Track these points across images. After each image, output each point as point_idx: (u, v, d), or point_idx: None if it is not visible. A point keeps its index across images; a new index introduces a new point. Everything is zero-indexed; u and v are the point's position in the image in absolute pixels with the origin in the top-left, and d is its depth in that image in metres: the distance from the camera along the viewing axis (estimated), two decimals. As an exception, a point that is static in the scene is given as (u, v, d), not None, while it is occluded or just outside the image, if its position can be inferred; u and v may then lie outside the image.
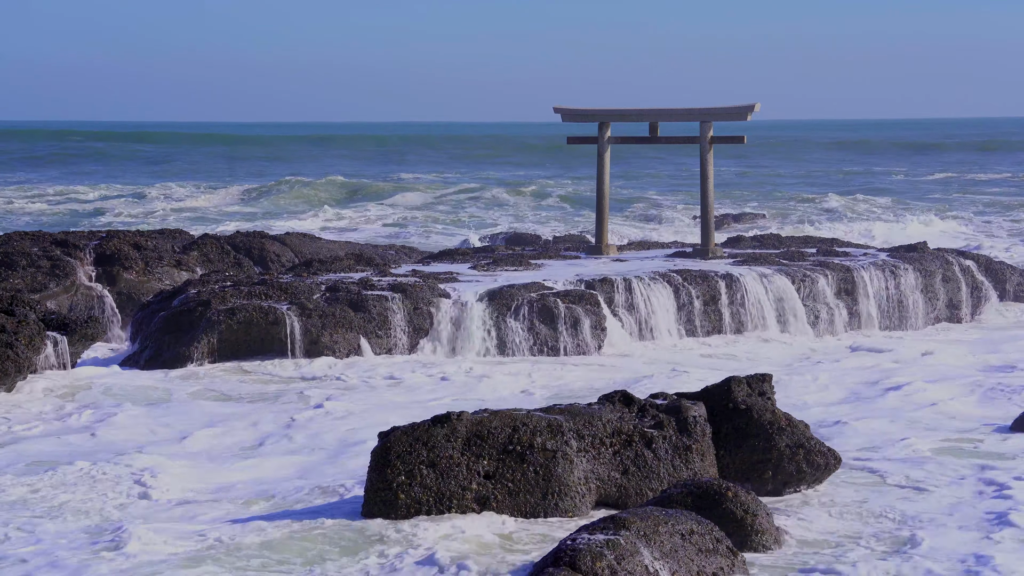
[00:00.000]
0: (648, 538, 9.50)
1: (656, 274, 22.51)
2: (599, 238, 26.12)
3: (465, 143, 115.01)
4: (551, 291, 21.28)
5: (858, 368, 19.93)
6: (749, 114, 24.33)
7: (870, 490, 12.78)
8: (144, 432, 15.74)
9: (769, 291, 22.71)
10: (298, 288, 20.81)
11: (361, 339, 20.05)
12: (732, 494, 10.74)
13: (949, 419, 16.32)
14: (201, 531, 11.31)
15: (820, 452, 12.52)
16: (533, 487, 11.60)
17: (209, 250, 26.61)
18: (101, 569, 10.34)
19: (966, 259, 26.05)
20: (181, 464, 13.93)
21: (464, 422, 11.71)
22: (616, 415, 12.15)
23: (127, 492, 12.84)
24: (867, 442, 14.87)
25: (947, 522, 11.72)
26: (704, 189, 25.22)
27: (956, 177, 73.58)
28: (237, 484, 13.24)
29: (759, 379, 13.10)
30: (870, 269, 24.03)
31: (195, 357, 19.55)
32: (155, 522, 11.67)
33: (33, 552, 10.84)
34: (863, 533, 11.43)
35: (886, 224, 43.81)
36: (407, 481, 11.44)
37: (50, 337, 18.24)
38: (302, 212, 50.50)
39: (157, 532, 11.23)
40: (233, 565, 10.45)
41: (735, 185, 65.36)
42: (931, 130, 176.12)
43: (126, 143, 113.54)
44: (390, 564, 10.47)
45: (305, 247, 28.21)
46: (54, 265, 24.25)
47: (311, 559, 10.65)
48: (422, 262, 25.54)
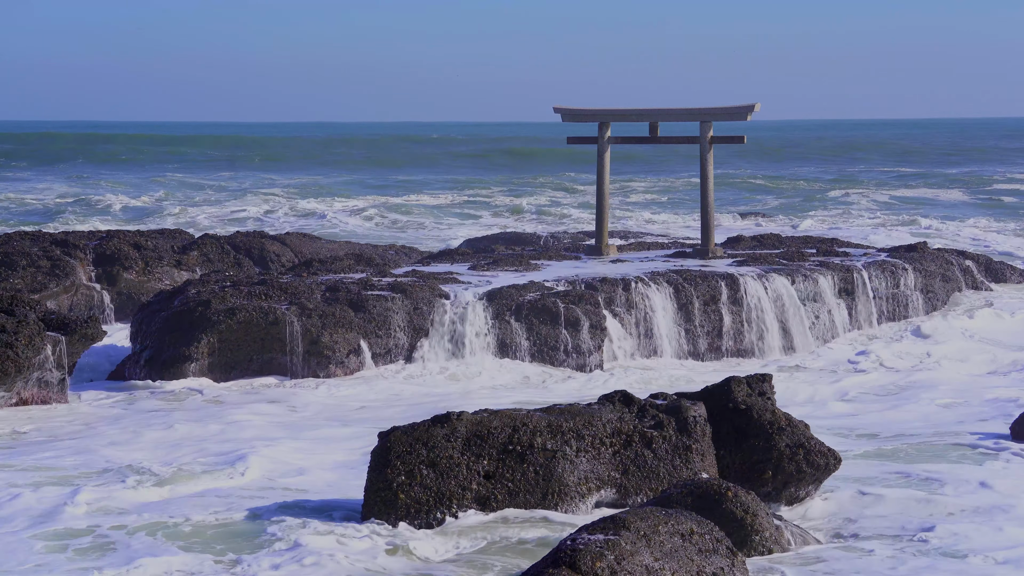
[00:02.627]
0: (648, 538, 9.49)
1: (656, 274, 22.50)
2: (599, 238, 26.11)
3: (470, 143, 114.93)
4: (551, 291, 21.27)
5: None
6: (749, 114, 24.32)
7: (870, 489, 12.78)
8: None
9: (769, 291, 22.70)
10: (298, 288, 20.80)
11: (361, 339, 20.04)
12: (732, 494, 10.74)
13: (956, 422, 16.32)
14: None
15: (820, 452, 12.51)
16: (533, 487, 11.60)
17: (209, 250, 26.61)
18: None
19: (966, 259, 26.04)
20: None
21: (464, 422, 11.70)
22: (616, 415, 12.15)
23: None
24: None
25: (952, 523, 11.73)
26: (704, 189, 25.21)
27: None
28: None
29: (759, 379, 13.09)
30: (870, 269, 24.03)
31: (195, 357, 19.54)
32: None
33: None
34: (863, 532, 11.43)
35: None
36: (407, 481, 11.44)
37: (50, 337, 18.22)
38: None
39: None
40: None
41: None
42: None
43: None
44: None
45: (305, 247, 28.20)
46: (54, 265, 24.25)
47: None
48: (422, 262, 25.53)
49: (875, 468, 13.68)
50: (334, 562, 10.61)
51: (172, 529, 11.59)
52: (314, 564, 10.57)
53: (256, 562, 10.62)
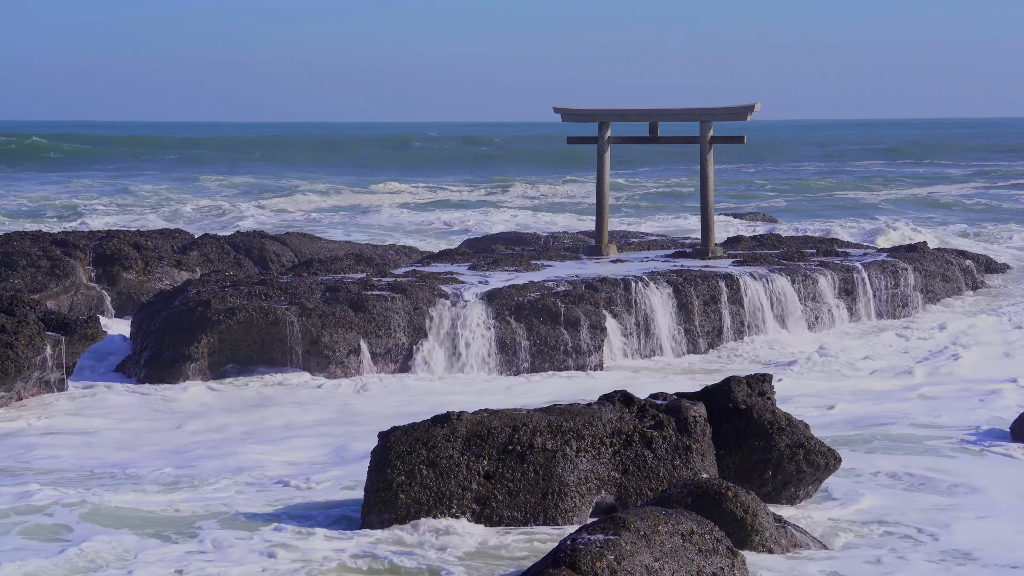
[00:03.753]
0: (648, 538, 9.49)
1: (656, 274, 22.51)
2: (599, 238, 26.11)
3: (474, 143, 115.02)
4: (551, 291, 21.26)
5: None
6: (749, 114, 24.33)
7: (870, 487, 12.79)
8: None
9: (769, 291, 22.70)
10: (298, 288, 20.80)
11: (361, 339, 20.04)
12: (732, 494, 10.74)
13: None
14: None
15: (820, 452, 12.51)
16: (533, 487, 11.60)
17: (209, 250, 26.61)
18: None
19: (966, 259, 26.05)
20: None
21: (464, 422, 11.71)
22: (616, 415, 12.15)
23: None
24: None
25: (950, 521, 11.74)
26: (704, 189, 25.21)
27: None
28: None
29: (759, 379, 13.09)
30: (870, 269, 24.03)
31: (195, 357, 19.54)
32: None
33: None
34: (863, 532, 11.43)
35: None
36: (407, 481, 11.44)
37: (50, 337, 18.23)
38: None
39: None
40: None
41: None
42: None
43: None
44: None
45: (305, 247, 28.20)
46: (54, 265, 24.26)
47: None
48: (422, 262, 25.53)
49: (875, 468, 13.68)
50: (332, 562, 10.60)
51: (169, 527, 11.58)
52: (313, 564, 10.56)
53: (254, 562, 10.61)
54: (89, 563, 10.57)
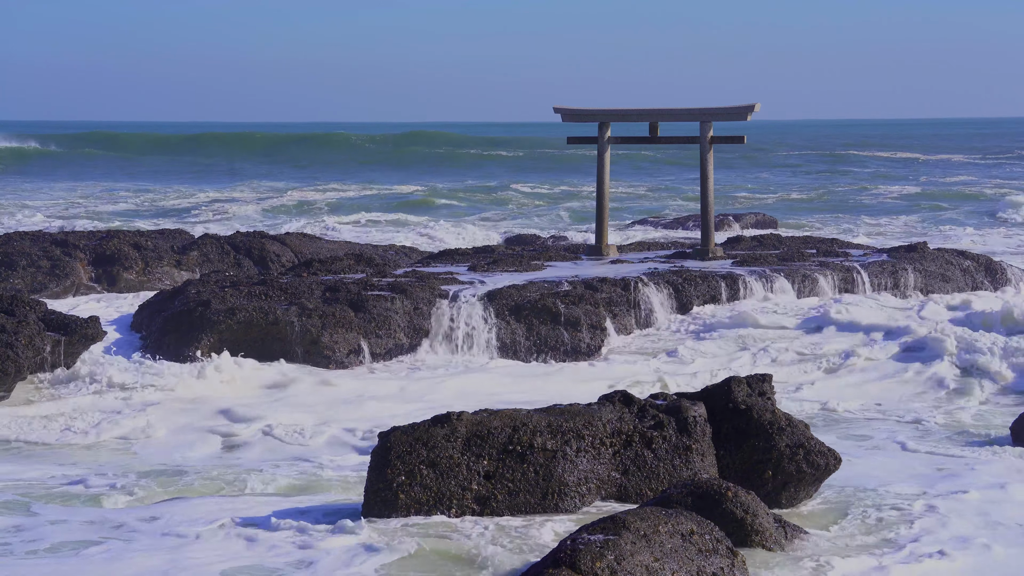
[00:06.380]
0: (648, 538, 9.49)
1: (656, 274, 22.50)
2: (599, 238, 26.11)
3: (476, 143, 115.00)
4: (551, 292, 21.26)
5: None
6: (749, 114, 24.33)
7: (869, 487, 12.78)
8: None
9: (769, 291, 22.68)
10: (298, 288, 20.80)
11: (361, 339, 20.04)
12: (732, 494, 10.73)
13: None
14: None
15: (820, 452, 12.51)
16: (533, 487, 11.60)
17: (209, 250, 26.62)
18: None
19: (966, 259, 26.03)
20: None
21: (464, 422, 11.71)
22: (616, 415, 12.15)
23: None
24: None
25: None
26: (704, 189, 25.21)
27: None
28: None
29: (759, 379, 13.09)
30: (870, 269, 24.03)
31: (195, 358, 19.53)
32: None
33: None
34: (863, 532, 11.43)
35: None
36: (407, 481, 11.44)
37: (50, 337, 18.22)
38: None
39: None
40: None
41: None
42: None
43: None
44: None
45: (305, 247, 28.21)
46: (54, 265, 24.28)
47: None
48: (422, 262, 25.53)
49: (875, 468, 13.68)
50: (330, 562, 10.60)
51: (169, 529, 11.59)
52: (312, 564, 10.56)
53: (252, 562, 10.61)
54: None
